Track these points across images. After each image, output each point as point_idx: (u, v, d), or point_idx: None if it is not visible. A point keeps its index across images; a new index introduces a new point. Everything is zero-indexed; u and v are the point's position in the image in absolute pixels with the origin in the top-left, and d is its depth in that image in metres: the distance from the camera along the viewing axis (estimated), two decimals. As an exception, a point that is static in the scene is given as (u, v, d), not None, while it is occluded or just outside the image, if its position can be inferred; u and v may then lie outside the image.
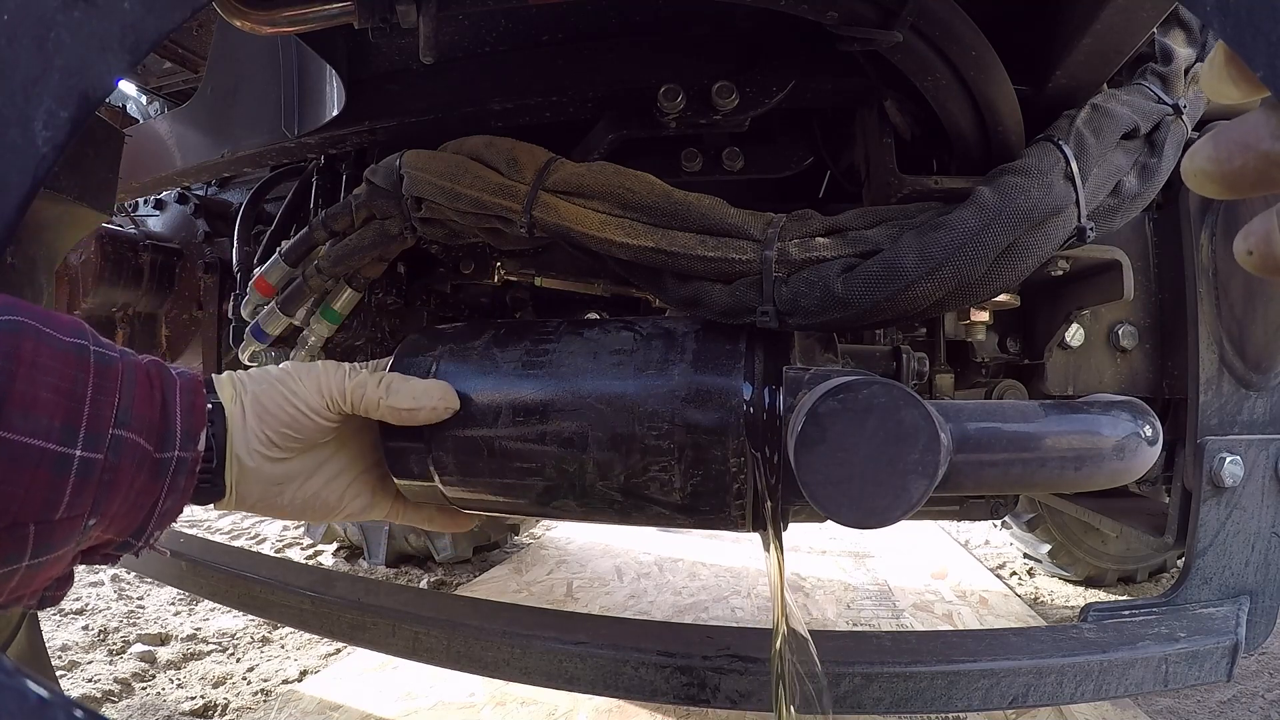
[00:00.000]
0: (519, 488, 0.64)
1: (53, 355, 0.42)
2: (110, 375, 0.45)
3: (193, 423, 0.50)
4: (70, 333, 0.44)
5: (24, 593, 0.45)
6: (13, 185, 0.43)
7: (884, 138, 0.77)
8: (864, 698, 0.79)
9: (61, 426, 0.41)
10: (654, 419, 0.59)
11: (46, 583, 0.47)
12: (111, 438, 0.44)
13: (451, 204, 0.75)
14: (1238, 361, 0.86)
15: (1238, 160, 0.29)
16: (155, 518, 0.50)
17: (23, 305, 0.42)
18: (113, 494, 0.45)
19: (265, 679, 1.62)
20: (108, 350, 0.46)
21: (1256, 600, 0.85)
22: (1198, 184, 0.31)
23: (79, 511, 0.43)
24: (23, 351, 0.40)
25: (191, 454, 0.50)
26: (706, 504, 0.61)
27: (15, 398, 0.39)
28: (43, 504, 0.41)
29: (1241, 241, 0.30)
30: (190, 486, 0.51)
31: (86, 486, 0.43)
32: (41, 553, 0.43)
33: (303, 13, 0.60)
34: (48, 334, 0.42)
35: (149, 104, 1.59)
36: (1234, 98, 0.31)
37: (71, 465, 0.42)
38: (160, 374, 0.50)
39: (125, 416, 0.45)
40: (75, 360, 0.43)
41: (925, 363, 0.78)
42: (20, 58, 0.42)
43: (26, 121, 0.42)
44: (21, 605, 0.47)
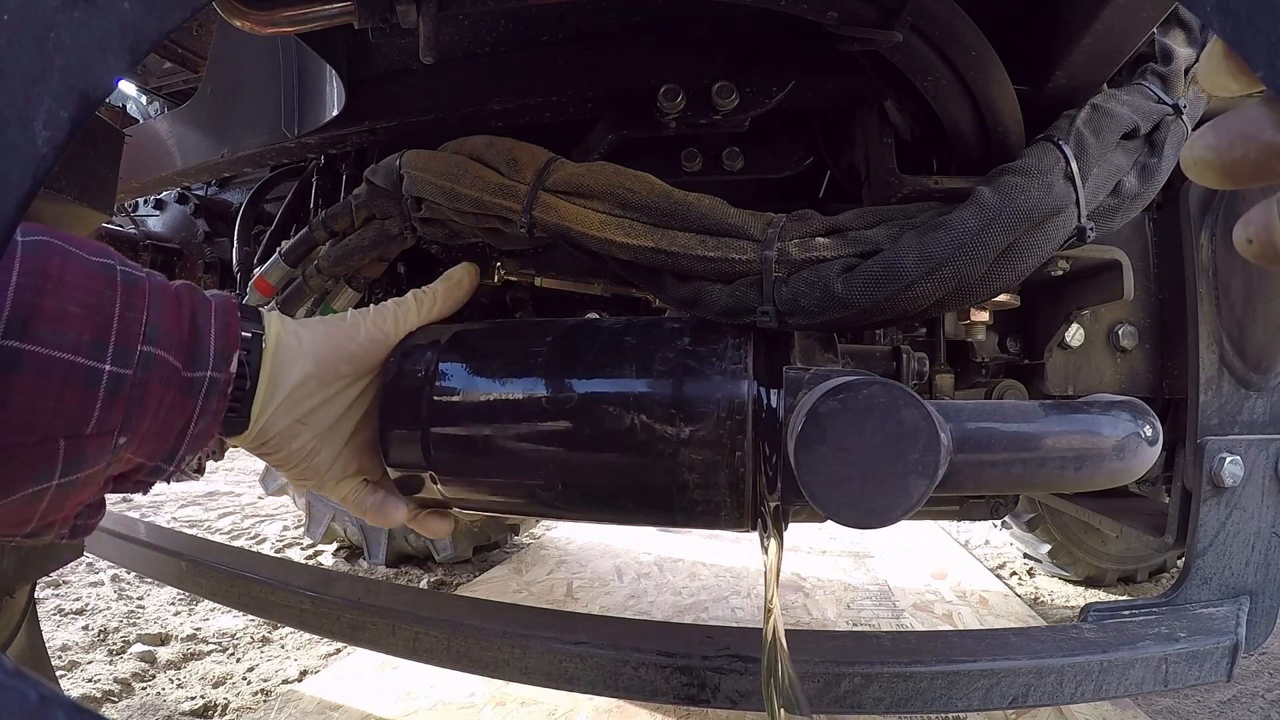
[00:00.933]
0: (515, 487, 0.64)
1: (80, 272, 0.42)
2: (138, 293, 0.45)
3: (226, 343, 0.50)
4: (97, 253, 0.44)
5: (55, 517, 0.45)
6: (13, 185, 0.43)
7: (884, 138, 0.77)
8: (864, 698, 0.79)
9: (91, 341, 0.41)
10: (653, 418, 0.59)
11: (78, 508, 0.47)
12: (140, 353, 0.44)
13: (451, 204, 0.75)
14: (1238, 361, 0.86)
15: (1238, 150, 0.29)
16: (187, 440, 0.49)
17: (49, 229, 0.42)
18: (142, 411, 0.45)
19: (265, 679, 1.62)
20: (134, 270, 0.46)
21: (1256, 600, 0.85)
22: (1197, 173, 0.31)
23: (109, 427, 0.43)
24: (50, 268, 0.40)
25: (224, 375, 0.50)
26: (706, 504, 0.61)
27: (44, 312, 0.39)
28: (73, 418, 0.41)
29: (1241, 230, 0.30)
30: (222, 409, 0.51)
31: (116, 402, 0.43)
32: (72, 470, 0.42)
33: (303, 13, 0.60)
34: (74, 253, 0.42)
35: (149, 104, 1.59)
36: (1233, 90, 0.31)
37: (101, 380, 0.42)
38: (192, 295, 0.50)
39: (154, 333, 0.45)
40: (103, 278, 0.43)
41: (925, 363, 0.78)
42: (20, 58, 0.42)
43: (26, 121, 0.42)
44: (53, 533, 0.46)
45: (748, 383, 0.59)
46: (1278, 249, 0.29)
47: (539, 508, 0.66)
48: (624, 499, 0.62)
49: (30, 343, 0.39)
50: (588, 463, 0.61)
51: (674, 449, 0.59)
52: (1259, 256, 0.30)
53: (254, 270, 0.95)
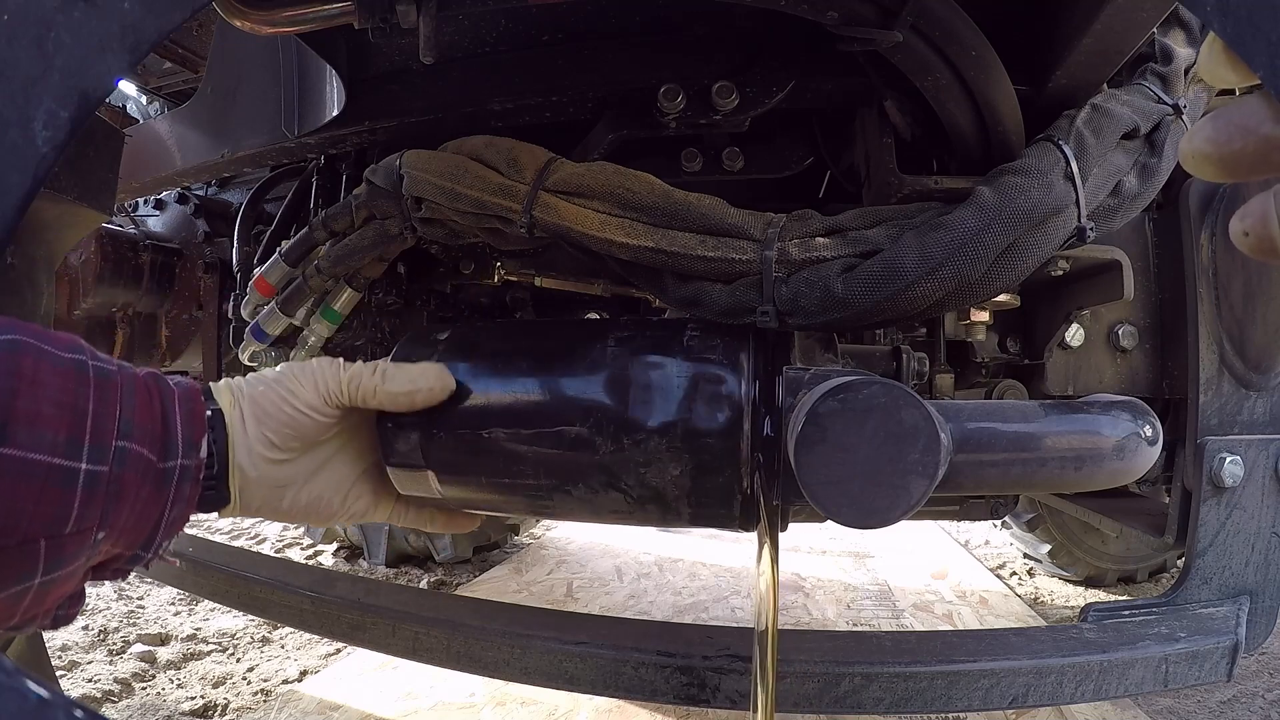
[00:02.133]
0: (515, 486, 0.64)
1: (53, 371, 0.42)
2: (110, 388, 0.45)
3: (193, 430, 0.50)
4: (68, 349, 0.44)
5: (37, 611, 0.45)
6: (13, 185, 0.43)
7: (884, 138, 0.77)
8: (864, 698, 0.79)
9: (66, 440, 0.41)
10: (653, 418, 0.59)
11: (59, 600, 0.47)
12: (115, 449, 0.44)
13: (451, 204, 0.75)
14: (1238, 361, 0.86)
15: (1237, 143, 0.29)
16: (163, 527, 0.50)
17: (19, 324, 0.42)
18: (120, 505, 0.45)
19: (265, 679, 1.62)
20: (105, 364, 0.46)
21: (1256, 600, 0.85)
22: (1195, 166, 0.31)
23: (88, 525, 0.43)
24: (23, 369, 0.40)
25: (194, 461, 0.50)
26: (706, 503, 0.61)
27: (19, 414, 0.39)
28: (52, 519, 0.41)
29: (1238, 222, 0.30)
30: (195, 494, 0.51)
31: (94, 499, 0.43)
32: (53, 569, 0.43)
33: (303, 13, 0.60)
34: (47, 351, 0.42)
35: (149, 104, 1.59)
36: (1231, 82, 0.31)
37: (78, 478, 0.42)
38: (158, 384, 0.50)
39: (127, 428, 0.45)
40: (75, 375, 0.43)
41: (925, 363, 0.78)
42: (20, 58, 0.42)
43: (26, 121, 0.42)
44: (36, 624, 0.46)
45: (745, 383, 0.59)
46: (1274, 242, 0.29)
47: (536, 507, 0.66)
48: (623, 499, 0.62)
49: (7, 446, 0.39)
50: (585, 463, 0.60)
51: (671, 450, 0.59)
52: (1255, 250, 0.30)
53: (254, 270, 0.95)
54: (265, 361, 0.95)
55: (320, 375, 0.59)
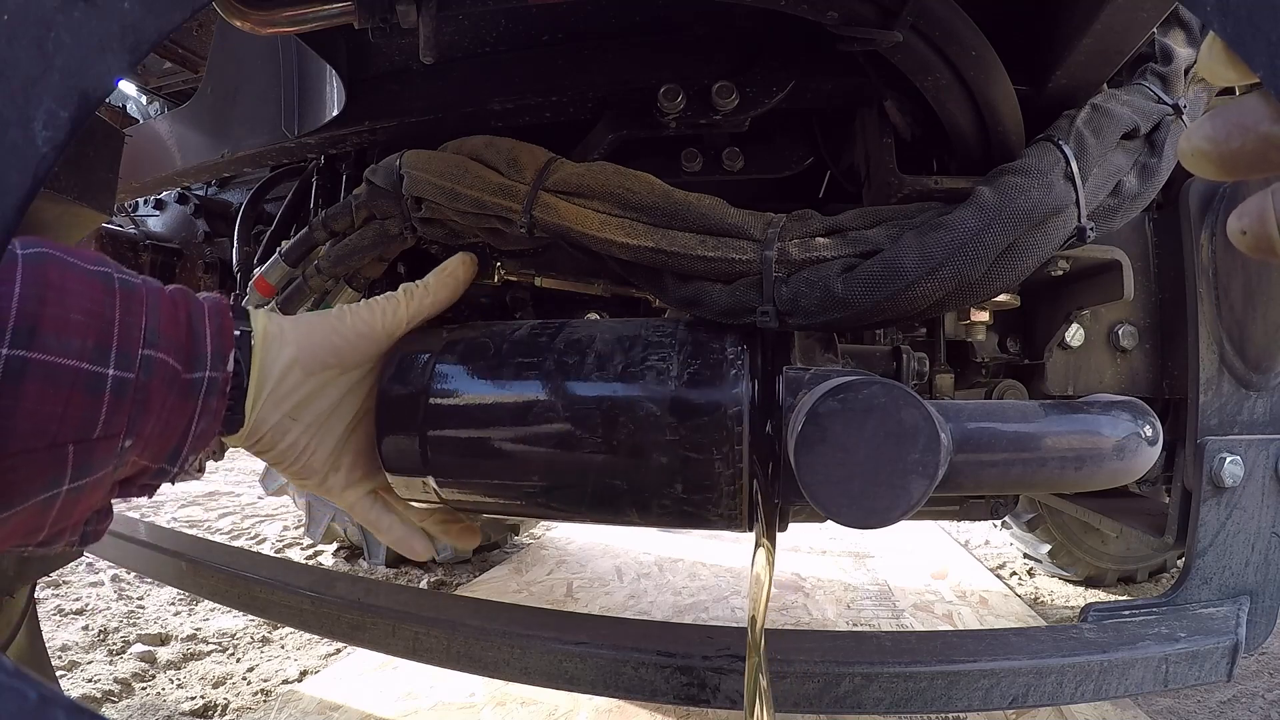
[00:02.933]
0: (513, 488, 0.63)
1: (79, 280, 0.43)
2: (135, 299, 0.46)
3: (221, 343, 0.51)
4: (94, 262, 0.45)
5: (66, 524, 0.46)
6: (13, 185, 0.43)
7: (884, 138, 0.77)
8: (864, 698, 0.79)
9: (94, 346, 0.42)
10: (652, 419, 0.59)
11: (86, 514, 0.47)
12: (142, 357, 0.45)
13: (451, 204, 0.75)
14: (1238, 361, 0.86)
15: (1236, 141, 0.30)
16: (190, 440, 0.50)
17: (46, 240, 0.43)
18: (146, 413, 0.46)
19: (265, 679, 1.62)
20: (130, 277, 0.47)
21: (1256, 600, 0.85)
22: (1194, 164, 0.31)
23: (115, 430, 0.44)
24: (51, 278, 0.41)
25: (221, 374, 0.51)
26: (706, 504, 0.61)
27: (47, 320, 0.40)
28: (80, 423, 0.42)
29: (1235, 221, 0.31)
30: (222, 408, 0.52)
31: (121, 405, 0.44)
32: (81, 474, 0.43)
33: (303, 13, 0.60)
34: (73, 262, 0.43)
35: (149, 104, 1.59)
36: (1230, 80, 0.31)
37: (105, 384, 0.43)
38: (185, 298, 0.51)
39: (153, 337, 0.46)
40: (101, 285, 0.44)
41: (925, 363, 0.78)
42: (20, 58, 0.42)
43: (26, 121, 0.42)
44: (65, 539, 0.47)
45: (744, 384, 0.59)
46: (1271, 241, 0.29)
47: (536, 509, 0.66)
48: (622, 500, 0.62)
49: (36, 351, 0.40)
50: (585, 464, 0.60)
51: (671, 450, 0.59)
52: (1252, 248, 0.30)
53: (254, 270, 0.95)
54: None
55: (364, 307, 0.63)
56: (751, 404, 0.58)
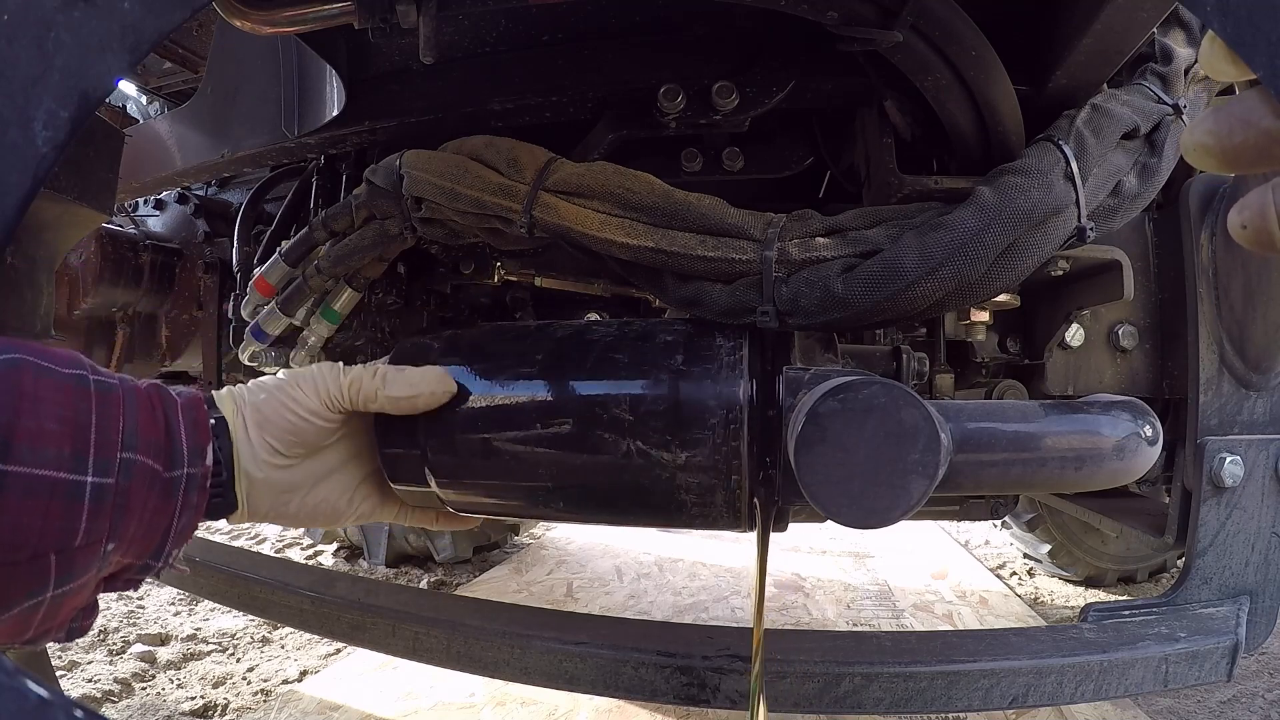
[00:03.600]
0: (515, 490, 0.63)
1: (54, 387, 0.43)
2: (112, 401, 0.46)
3: (198, 439, 0.51)
4: (68, 365, 0.45)
5: (51, 625, 0.46)
6: (13, 185, 0.43)
7: (884, 138, 0.77)
8: (864, 698, 0.79)
9: (71, 455, 0.42)
10: (652, 420, 0.59)
11: (72, 614, 0.47)
12: (121, 461, 0.45)
13: (451, 204, 0.75)
14: (1238, 361, 0.86)
15: (1238, 136, 0.30)
16: (172, 537, 0.50)
17: (19, 343, 0.43)
18: (128, 516, 0.46)
19: (265, 679, 1.62)
20: (106, 378, 0.47)
21: (1256, 600, 0.85)
22: (1196, 157, 0.31)
23: (97, 537, 0.44)
24: (24, 386, 0.41)
25: (200, 469, 0.51)
26: (705, 504, 0.61)
27: (21, 432, 0.40)
28: (61, 532, 0.42)
29: (1236, 215, 0.31)
30: (203, 502, 0.52)
31: (101, 511, 0.44)
32: (65, 581, 0.43)
33: (303, 13, 0.60)
34: (46, 367, 0.43)
35: (149, 104, 1.59)
36: (1231, 76, 0.31)
37: (85, 492, 0.43)
38: (160, 395, 0.51)
39: (131, 440, 0.46)
40: (76, 390, 0.44)
41: (925, 363, 0.78)
42: (20, 58, 0.42)
43: (26, 121, 0.42)
44: (50, 638, 0.47)
45: (743, 384, 0.59)
46: (1271, 235, 0.30)
47: (538, 510, 0.66)
48: (622, 500, 0.62)
49: (13, 464, 0.39)
50: (585, 465, 0.60)
51: (670, 452, 0.58)
52: (1252, 242, 0.30)
53: (254, 270, 0.95)
54: (265, 362, 0.95)
55: (321, 381, 0.59)
56: (750, 404, 0.58)
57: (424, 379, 0.61)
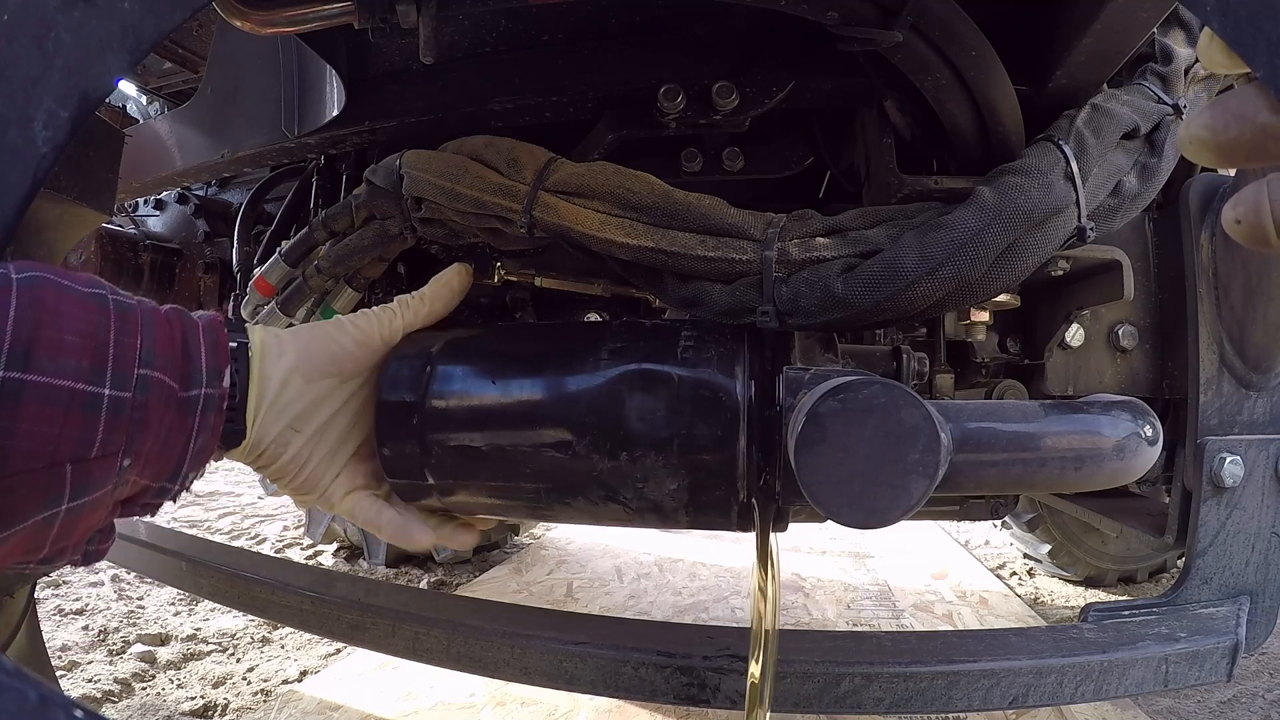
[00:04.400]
0: (512, 491, 0.63)
1: (74, 302, 0.44)
2: (130, 319, 0.47)
3: (217, 360, 0.52)
4: (88, 284, 0.46)
5: (67, 543, 0.46)
6: (13, 185, 0.43)
7: (884, 138, 0.77)
8: (864, 698, 0.79)
9: (89, 367, 0.43)
10: (652, 422, 0.58)
11: (88, 533, 0.48)
12: (138, 376, 0.46)
13: (451, 204, 0.75)
14: (1238, 361, 0.86)
15: (1234, 130, 0.30)
16: (189, 457, 0.51)
17: (40, 264, 0.44)
18: (144, 432, 0.46)
19: (265, 679, 1.62)
20: (125, 298, 0.48)
21: (1256, 600, 0.85)
22: (1193, 151, 0.32)
23: (113, 449, 0.45)
24: (45, 300, 0.42)
25: (218, 390, 0.52)
26: (706, 505, 0.61)
27: (42, 342, 0.41)
28: (77, 442, 0.43)
29: (1230, 210, 0.31)
30: (219, 424, 0.52)
31: (118, 424, 0.45)
32: (80, 494, 0.44)
33: (303, 13, 0.60)
34: (67, 285, 0.44)
35: (149, 104, 1.59)
36: (1229, 69, 0.31)
37: (102, 403, 0.44)
38: (180, 317, 0.51)
39: (149, 356, 0.47)
40: (96, 307, 0.45)
41: (925, 363, 0.78)
42: (20, 58, 0.42)
43: (26, 121, 0.42)
44: (66, 558, 0.47)
45: (746, 385, 0.59)
46: (1266, 230, 0.30)
47: (538, 512, 0.66)
48: (621, 502, 0.61)
49: (32, 372, 0.40)
50: (584, 467, 0.60)
51: (674, 452, 0.58)
52: (1247, 238, 0.31)
53: (254, 270, 0.95)
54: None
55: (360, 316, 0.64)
56: (748, 408, 0.58)
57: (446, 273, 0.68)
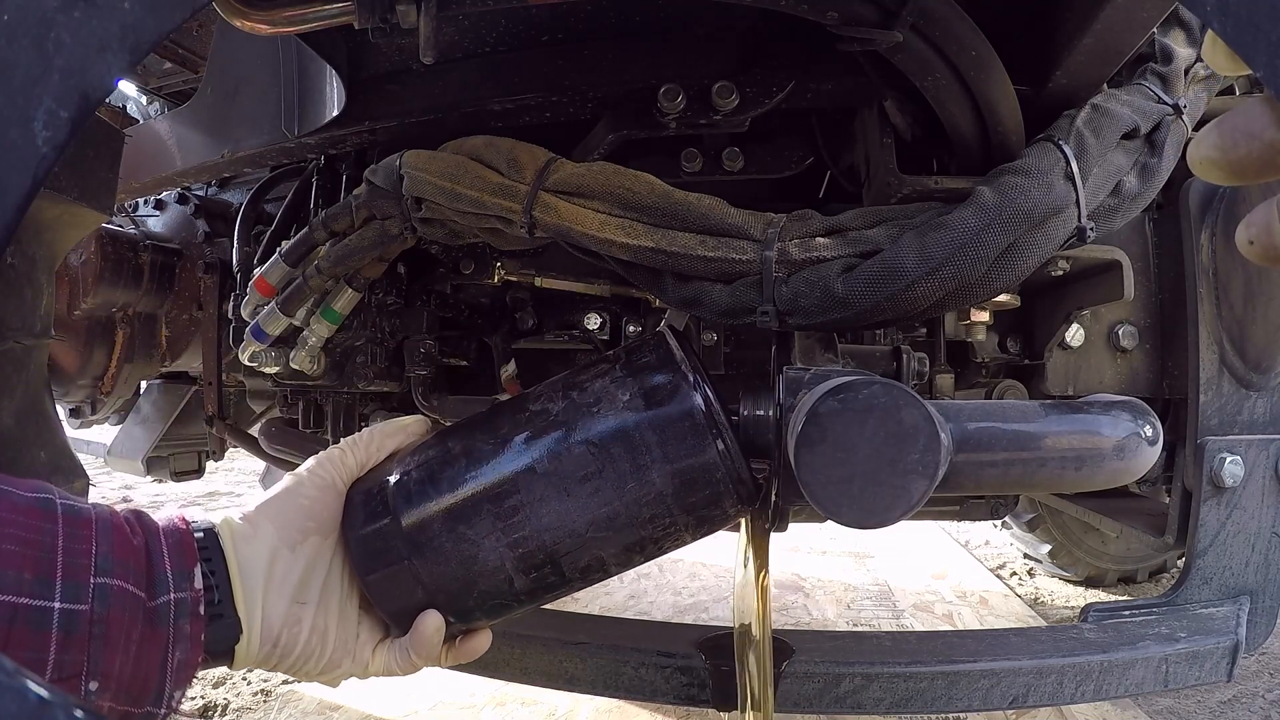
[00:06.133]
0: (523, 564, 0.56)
1: (14, 509, 0.40)
2: (82, 524, 0.43)
3: (183, 561, 0.47)
4: (32, 489, 0.42)
5: None
6: (13, 185, 0.43)
7: (884, 138, 0.77)
8: (864, 698, 0.79)
9: (33, 579, 0.39)
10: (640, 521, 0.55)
11: None
12: (95, 586, 0.41)
13: (451, 204, 0.75)
14: (1238, 361, 0.86)
15: (1242, 148, 0.30)
16: (170, 675, 0.45)
17: None
18: (109, 650, 0.41)
19: (265, 679, 1.62)
20: (76, 502, 0.44)
21: (1256, 600, 0.85)
22: (1204, 171, 0.32)
23: (73, 671, 0.40)
24: None
25: (189, 593, 0.46)
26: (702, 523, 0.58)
27: None
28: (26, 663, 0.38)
29: (1243, 231, 0.31)
30: (199, 631, 0.47)
31: (73, 642, 0.40)
32: None
33: (303, 13, 0.60)
34: (5, 490, 0.40)
35: (149, 104, 1.59)
36: (1232, 69, 0.32)
37: (52, 619, 0.39)
38: (139, 519, 0.48)
39: (106, 564, 0.42)
40: (40, 513, 0.41)
41: (925, 363, 0.78)
42: (20, 58, 0.42)
43: (26, 121, 0.42)
44: None
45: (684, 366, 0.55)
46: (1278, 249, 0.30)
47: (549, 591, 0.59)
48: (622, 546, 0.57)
49: None
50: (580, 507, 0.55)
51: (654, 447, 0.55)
52: (1261, 257, 0.31)
53: (254, 270, 0.95)
54: (265, 362, 0.95)
55: (314, 464, 0.57)
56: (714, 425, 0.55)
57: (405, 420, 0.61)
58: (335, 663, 0.55)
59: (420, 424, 0.63)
